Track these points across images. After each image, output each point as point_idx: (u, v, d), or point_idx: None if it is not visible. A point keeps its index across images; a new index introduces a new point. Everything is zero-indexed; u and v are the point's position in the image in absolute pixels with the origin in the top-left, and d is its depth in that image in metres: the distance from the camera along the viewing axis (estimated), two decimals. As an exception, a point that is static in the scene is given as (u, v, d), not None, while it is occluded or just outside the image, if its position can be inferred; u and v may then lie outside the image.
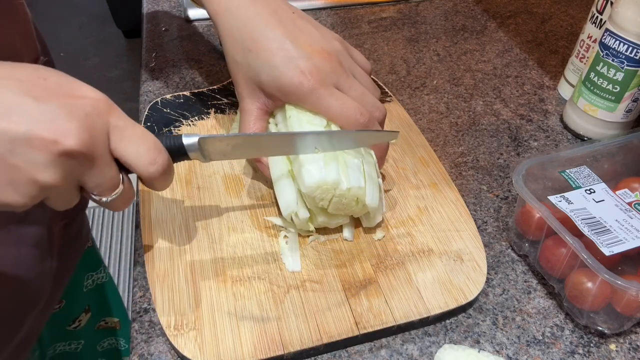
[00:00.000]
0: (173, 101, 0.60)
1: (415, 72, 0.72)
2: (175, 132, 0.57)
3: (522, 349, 0.43)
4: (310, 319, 0.42)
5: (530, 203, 0.45)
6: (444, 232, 0.49)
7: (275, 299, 0.43)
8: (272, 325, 0.41)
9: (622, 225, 0.45)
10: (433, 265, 0.46)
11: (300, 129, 0.44)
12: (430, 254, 0.47)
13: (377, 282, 0.45)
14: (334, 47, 0.46)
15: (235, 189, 0.52)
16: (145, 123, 0.58)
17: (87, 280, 0.72)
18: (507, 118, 0.66)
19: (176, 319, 0.41)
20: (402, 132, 0.59)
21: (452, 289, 0.44)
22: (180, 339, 0.40)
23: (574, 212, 0.46)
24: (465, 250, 0.47)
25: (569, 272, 0.44)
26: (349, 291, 0.44)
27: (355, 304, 0.43)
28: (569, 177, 0.49)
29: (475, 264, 0.46)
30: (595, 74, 0.58)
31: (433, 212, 0.51)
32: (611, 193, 0.48)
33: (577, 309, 0.44)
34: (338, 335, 0.41)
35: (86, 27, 2.79)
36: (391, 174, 0.54)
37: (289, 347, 0.40)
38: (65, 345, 0.73)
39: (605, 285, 0.41)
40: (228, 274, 0.45)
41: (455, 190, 0.53)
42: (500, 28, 0.82)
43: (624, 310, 0.42)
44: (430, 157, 0.56)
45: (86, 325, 0.74)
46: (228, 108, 0.61)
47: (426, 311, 0.43)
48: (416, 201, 0.52)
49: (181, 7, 0.82)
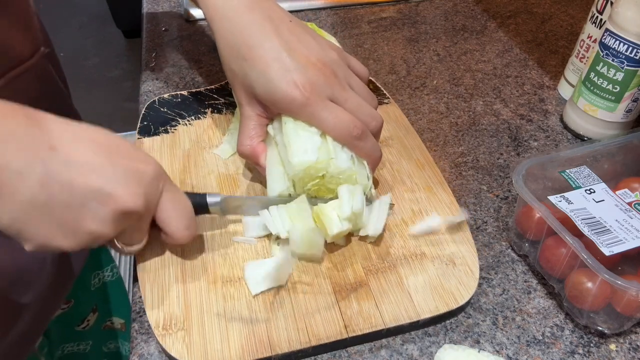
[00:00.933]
0: (170, 100, 0.60)
1: (415, 72, 0.72)
2: (172, 132, 0.57)
3: (522, 349, 0.43)
4: (300, 321, 0.42)
5: (530, 203, 0.45)
6: (437, 235, 0.49)
7: (265, 301, 0.43)
8: (260, 326, 0.41)
9: (622, 225, 0.45)
10: (425, 269, 0.46)
11: (296, 137, 0.44)
12: (423, 258, 0.47)
13: (368, 285, 0.45)
14: (330, 57, 0.46)
15: (230, 189, 0.52)
16: (142, 122, 0.58)
17: (94, 279, 0.72)
18: (507, 118, 0.66)
19: (165, 319, 0.41)
20: (399, 134, 0.59)
21: (444, 293, 0.44)
22: (168, 339, 0.40)
23: (574, 212, 0.46)
24: (457, 254, 0.47)
25: (569, 272, 0.44)
26: (339, 294, 0.44)
27: (345, 306, 0.43)
28: (569, 177, 0.49)
29: (468, 268, 0.46)
30: (595, 74, 0.58)
31: (427, 215, 0.50)
32: (611, 193, 0.48)
33: (577, 309, 0.44)
34: (327, 338, 0.41)
35: (86, 27, 2.79)
36: (386, 177, 0.54)
37: (276, 349, 0.40)
38: (73, 345, 0.73)
39: (605, 285, 0.41)
40: (218, 275, 0.45)
41: (450, 194, 0.52)
42: (500, 28, 0.82)
43: (624, 310, 0.42)
44: (426, 160, 0.56)
45: (94, 325, 0.74)
46: (225, 108, 0.61)
47: (416, 315, 0.43)
48: (410, 204, 0.51)
49: (181, 7, 0.82)
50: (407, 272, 0.46)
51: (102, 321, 0.76)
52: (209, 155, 0.55)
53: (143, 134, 0.56)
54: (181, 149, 0.55)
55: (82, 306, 0.71)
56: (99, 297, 0.73)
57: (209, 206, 0.45)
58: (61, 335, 0.70)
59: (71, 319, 0.70)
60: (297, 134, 0.44)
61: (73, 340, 0.73)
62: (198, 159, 0.54)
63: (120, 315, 0.79)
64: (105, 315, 0.76)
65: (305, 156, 0.44)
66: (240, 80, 0.46)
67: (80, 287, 0.68)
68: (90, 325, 0.73)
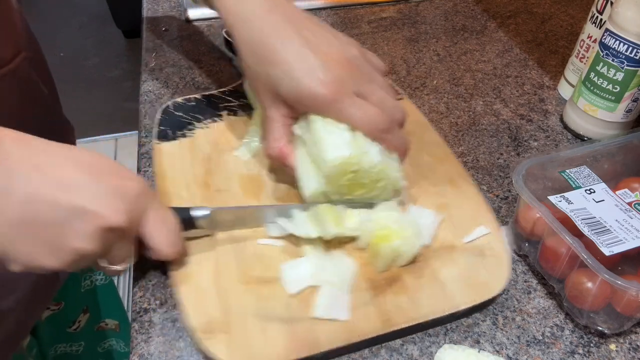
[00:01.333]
0: (184, 104, 0.60)
1: (415, 72, 0.72)
2: (189, 135, 0.57)
3: (522, 349, 0.43)
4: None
5: (530, 203, 0.45)
6: (464, 228, 0.49)
7: (302, 299, 0.43)
8: (301, 325, 0.41)
9: (622, 225, 0.45)
10: (456, 262, 0.46)
11: (327, 133, 0.45)
12: (453, 250, 0.47)
13: (402, 279, 0.45)
14: (352, 53, 0.46)
15: (255, 190, 0.52)
16: (159, 127, 0.57)
17: (85, 280, 0.72)
18: (507, 118, 0.66)
19: (205, 322, 0.41)
20: (417, 130, 0.58)
21: (477, 284, 0.45)
22: (210, 342, 0.40)
23: (574, 212, 0.46)
24: (487, 245, 0.48)
25: (569, 272, 0.44)
26: (374, 290, 0.44)
27: (382, 302, 0.43)
28: (569, 177, 0.49)
29: (498, 259, 0.47)
30: (595, 74, 0.58)
31: (453, 209, 0.51)
32: (611, 193, 0.48)
33: (577, 309, 0.44)
34: (367, 334, 0.41)
35: (86, 27, 2.78)
36: (409, 172, 0.53)
37: (319, 347, 0.40)
38: (66, 346, 0.73)
39: (605, 285, 0.41)
40: (253, 276, 0.45)
41: (473, 187, 0.53)
42: (500, 28, 0.82)
43: (624, 310, 0.42)
44: (446, 155, 0.56)
45: (86, 327, 0.74)
46: (240, 110, 0.60)
47: (454, 307, 0.43)
48: (435, 198, 0.52)
49: (181, 7, 0.82)
50: (439, 265, 0.46)
51: (94, 323, 0.76)
52: (230, 158, 0.55)
53: (161, 138, 0.56)
54: (201, 153, 0.55)
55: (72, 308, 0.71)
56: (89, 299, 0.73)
57: (195, 220, 0.45)
58: (52, 336, 0.70)
59: (62, 320, 0.70)
60: (328, 130, 0.45)
61: (65, 341, 0.73)
62: (219, 161, 0.54)
63: (114, 317, 0.79)
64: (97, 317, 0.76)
65: (339, 152, 0.44)
66: (264, 82, 0.46)
67: (70, 289, 0.68)
68: (82, 326, 0.73)
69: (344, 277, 0.45)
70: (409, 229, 0.45)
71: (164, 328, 0.43)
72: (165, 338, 0.43)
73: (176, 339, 0.43)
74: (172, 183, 0.51)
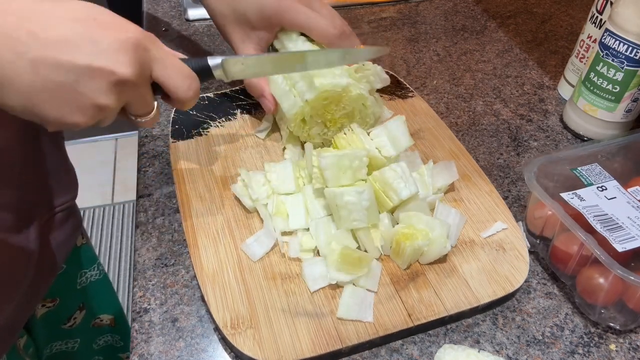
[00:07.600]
0: (198, 103, 0.60)
1: (415, 72, 0.72)
2: (205, 134, 0.57)
3: (522, 349, 0.43)
4: None
5: (543, 200, 0.45)
6: (482, 222, 0.50)
7: (327, 294, 0.44)
8: (327, 320, 0.42)
9: (634, 222, 0.45)
10: (476, 256, 0.47)
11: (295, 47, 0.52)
12: (473, 245, 0.48)
13: (424, 274, 0.45)
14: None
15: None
16: (173, 125, 0.58)
17: (81, 277, 0.71)
18: (507, 118, 0.66)
19: (232, 318, 0.42)
20: (429, 126, 0.60)
21: (498, 277, 0.45)
22: (238, 338, 0.41)
23: (586, 209, 0.46)
24: (505, 239, 0.48)
25: (580, 268, 0.44)
26: (397, 284, 0.45)
27: (406, 296, 0.44)
28: (581, 174, 0.50)
29: (518, 253, 0.47)
30: (595, 74, 0.58)
31: (469, 204, 0.51)
32: (623, 190, 0.48)
33: (589, 304, 0.44)
34: (393, 327, 0.42)
35: (86, 27, 2.78)
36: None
37: (346, 341, 0.41)
38: (61, 344, 0.73)
39: (617, 281, 0.41)
40: (277, 272, 0.45)
41: (488, 182, 0.53)
42: (500, 28, 0.82)
43: (635, 307, 0.43)
44: (460, 150, 0.57)
45: (81, 323, 0.73)
46: (254, 109, 0.61)
47: (476, 300, 0.44)
48: (451, 194, 0.52)
49: (181, 7, 0.82)
50: (460, 260, 0.47)
51: (90, 319, 0.75)
52: (246, 155, 0.56)
53: (177, 137, 0.57)
54: (217, 151, 0.56)
55: (68, 304, 0.71)
56: (85, 295, 0.73)
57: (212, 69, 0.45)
58: (48, 335, 0.70)
59: (57, 317, 0.70)
60: (300, 47, 0.53)
61: (60, 338, 0.72)
62: (236, 159, 0.55)
63: (109, 312, 0.79)
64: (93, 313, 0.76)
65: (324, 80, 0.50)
66: (232, 19, 0.54)
67: (65, 285, 0.67)
68: (77, 323, 0.73)
69: (374, 277, 0.45)
70: (437, 229, 0.45)
71: (164, 328, 0.43)
72: (165, 338, 0.43)
73: (176, 339, 0.43)
74: (190, 180, 0.52)
